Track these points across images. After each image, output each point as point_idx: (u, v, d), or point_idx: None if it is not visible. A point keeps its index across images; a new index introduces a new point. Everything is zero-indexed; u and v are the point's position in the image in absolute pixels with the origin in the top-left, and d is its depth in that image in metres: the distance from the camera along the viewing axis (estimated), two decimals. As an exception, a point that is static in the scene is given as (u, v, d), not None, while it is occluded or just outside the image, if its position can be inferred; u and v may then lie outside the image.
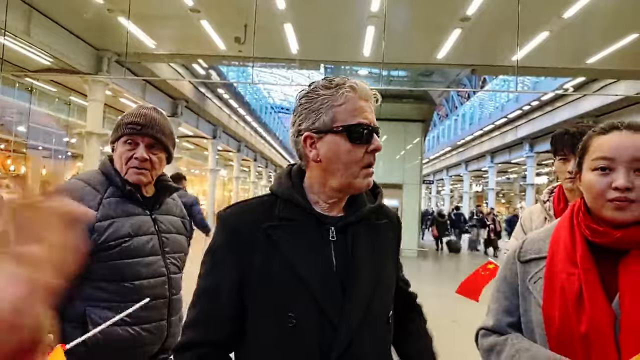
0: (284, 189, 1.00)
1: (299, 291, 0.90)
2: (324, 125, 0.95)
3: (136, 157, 1.47)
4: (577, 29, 8.52)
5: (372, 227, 1.01)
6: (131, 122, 1.48)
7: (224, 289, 0.94)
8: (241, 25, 8.90)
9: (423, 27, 9.19)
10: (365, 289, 0.94)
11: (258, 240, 0.93)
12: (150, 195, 1.56)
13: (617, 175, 0.99)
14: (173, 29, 9.89)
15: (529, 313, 1.08)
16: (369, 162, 0.97)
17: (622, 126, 1.04)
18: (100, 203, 1.42)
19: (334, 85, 0.97)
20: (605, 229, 1.01)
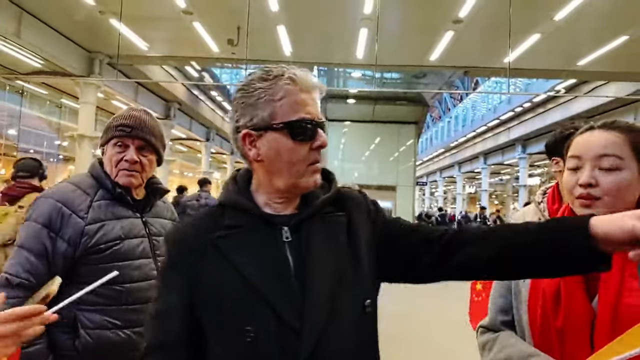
0: (229, 195, 0.94)
1: (253, 302, 0.84)
2: (262, 122, 0.87)
3: (126, 159, 1.46)
4: (568, 31, 8.60)
5: (328, 220, 0.93)
6: (121, 125, 1.47)
7: (175, 312, 0.88)
8: (234, 27, 8.88)
9: (416, 29, 9.23)
10: (326, 286, 0.86)
11: (206, 254, 0.87)
12: (141, 198, 1.55)
13: (583, 174, 1.02)
14: (165, 31, 9.84)
15: (520, 311, 1.11)
16: (315, 159, 0.90)
17: (596, 126, 1.05)
18: (90, 206, 1.41)
19: (272, 77, 0.88)
20: None
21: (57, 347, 1.35)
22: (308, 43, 9.96)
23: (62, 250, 1.34)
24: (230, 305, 0.84)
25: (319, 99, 0.92)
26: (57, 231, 1.35)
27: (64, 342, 1.35)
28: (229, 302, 0.84)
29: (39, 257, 1.34)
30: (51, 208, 1.37)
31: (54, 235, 1.35)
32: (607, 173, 1.00)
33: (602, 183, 0.99)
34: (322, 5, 8.31)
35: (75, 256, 1.35)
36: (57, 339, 1.35)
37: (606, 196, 0.99)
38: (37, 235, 1.35)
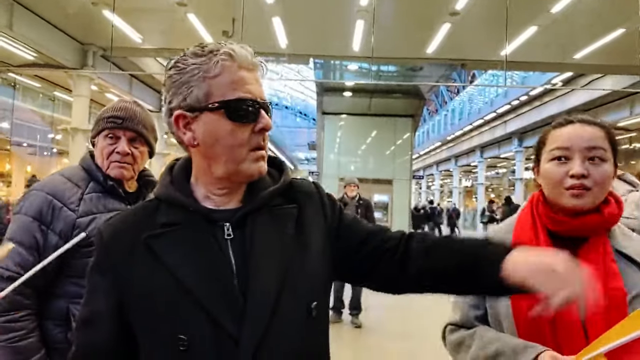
0: (163, 189, 0.85)
1: (187, 307, 0.76)
2: (197, 102, 0.78)
3: (118, 151, 1.45)
4: (564, 24, 8.57)
5: (276, 213, 0.85)
6: (112, 116, 1.46)
7: (103, 319, 0.81)
8: (229, 19, 8.79)
9: (412, 21, 9.17)
10: (269, 287, 0.78)
11: (137, 255, 0.79)
12: (133, 191, 1.54)
13: (574, 164, 1.05)
14: (159, 23, 9.75)
15: (495, 305, 1.11)
16: (258, 144, 0.81)
17: (576, 120, 1.10)
18: (82, 199, 1.41)
19: (207, 52, 0.79)
20: (564, 218, 1.07)
21: (49, 340, 1.35)
22: (304, 35, 9.89)
23: (54, 244, 1.33)
24: (162, 311, 0.76)
25: (261, 79, 0.84)
26: (48, 224, 1.35)
27: (56, 335, 1.36)
28: (161, 308, 0.76)
29: (30, 250, 1.33)
30: (42, 201, 1.36)
31: (45, 228, 1.34)
32: (595, 164, 1.05)
33: (592, 174, 1.04)
34: (317, -3, 8.24)
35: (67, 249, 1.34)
36: (50, 332, 1.36)
37: (595, 187, 1.04)
38: (28, 228, 1.34)
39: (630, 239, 1.12)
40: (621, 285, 1.01)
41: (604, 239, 1.08)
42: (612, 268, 1.04)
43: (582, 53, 9.99)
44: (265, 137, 0.83)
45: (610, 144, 1.08)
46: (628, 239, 1.12)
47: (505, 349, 1.03)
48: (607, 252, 1.05)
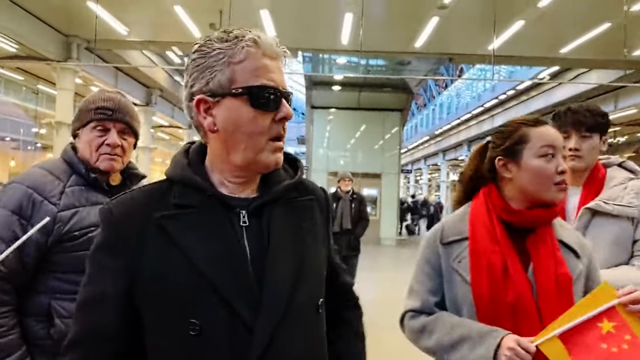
0: (179, 170, 0.83)
1: (201, 290, 0.74)
2: (219, 87, 0.77)
3: (108, 143, 1.42)
4: (551, 18, 8.62)
5: (293, 206, 0.86)
6: (101, 107, 1.43)
7: (109, 300, 0.78)
8: (216, 11, 8.68)
9: (400, 14, 9.15)
10: (286, 278, 0.78)
11: (149, 235, 0.77)
12: (117, 184, 1.51)
13: (559, 161, 1.16)
14: (145, 15, 9.58)
15: (454, 291, 1.17)
16: (278, 133, 0.80)
17: (546, 121, 1.22)
18: (63, 192, 1.37)
19: (232, 38, 0.78)
20: (519, 209, 1.18)
21: (30, 337, 1.33)
22: (292, 27, 9.81)
23: (34, 239, 1.29)
24: (174, 294, 0.75)
25: (284, 69, 0.84)
26: (28, 218, 1.31)
27: (37, 332, 1.33)
28: (173, 290, 0.75)
29: (9, 245, 1.28)
30: (21, 194, 1.32)
31: (25, 222, 1.31)
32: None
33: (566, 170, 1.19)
34: (306, -11, 8.17)
35: (48, 244, 1.32)
36: (31, 328, 1.33)
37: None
38: (7, 222, 1.30)
39: (565, 229, 1.24)
40: (567, 271, 1.12)
41: (550, 230, 1.18)
42: (558, 256, 1.14)
43: (569, 47, 10.07)
44: (284, 127, 0.82)
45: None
46: (564, 229, 1.24)
47: (471, 333, 1.08)
48: (553, 241, 1.16)
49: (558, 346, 0.97)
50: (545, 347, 0.98)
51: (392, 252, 12.31)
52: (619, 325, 0.98)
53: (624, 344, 0.96)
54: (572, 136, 1.63)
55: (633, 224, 1.53)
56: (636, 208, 1.52)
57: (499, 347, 1.03)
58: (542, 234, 1.17)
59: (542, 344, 0.99)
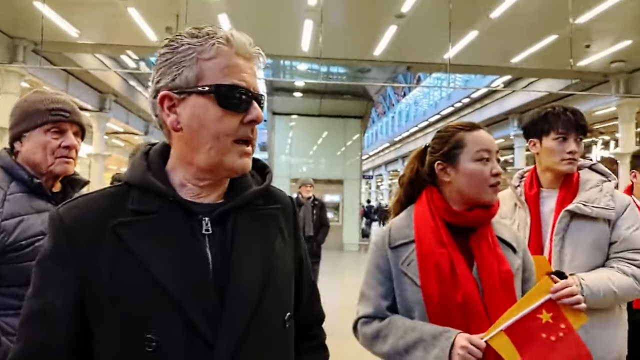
0: (137, 173, 0.78)
1: (158, 303, 0.69)
2: (186, 83, 0.74)
3: (67, 145, 1.39)
4: (503, 29, 8.97)
5: (259, 214, 0.82)
6: (58, 109, 1.39)
7: (57, 313, 0.71)
8: (172, 15, 8.46)
9: (360, 22, 9.26)
10: (250, 290, 0.74)
11: (103, 243, 0.71)
12: (58, 191, 1.45)
13: (494, 164, 1.21)
14: (97, 17, 9.20)
15: (405, 293, 1.19)
16: (246, 135, 0.76)
17: (480, 126, 1.27)
18: (5, 200, 1.29)
19: (204, 34, 0.76)
20: (460, 211, 1.22)
21: None
22: (251, 33, 8.90)
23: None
24: (129, 307, 0.69)
25: (257, 72, 0.80)
26: None
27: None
28: (128, 303, 0.69)
29: None
30: None
31: None
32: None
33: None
34: (265, -6, 8.12)
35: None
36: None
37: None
38: None
39: (504, 226, 1.30)
40: (509, 268, 1.17)
41: (490, 229, 1.23)
42: (499, 253, 1.19)
43: (519, 57, 10.52)
44: (254, 130, 0.78)
45: None
46: (502, 226, 1.30)
47: (424, 335, 1.11)
48: (493, 239, 1.21)
49: (505, 340, 1.05)
50: (494, 342, 1.06)
51: (355, 257, 12.35)
52: (556, 315, 1.08)
53: (560, 332, 1.06)
54: (570, 139, 1.60)
55: (609, 226, 1.55)
56: (613, 210, 1.54)
57: (452, 347, 1.07)
58: (483, 233, 1.21)
59: (491, 339, 1.06)
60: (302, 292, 0.92)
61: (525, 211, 1.67)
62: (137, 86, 15.90)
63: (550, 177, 1.67)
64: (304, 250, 0.94)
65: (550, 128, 1.62)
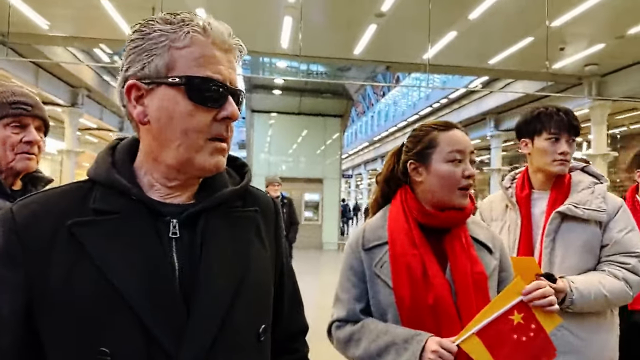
0: (101, 170, 0.72)
1: (114, 313, 0.63)
2: (155, 73, 0.68)
3: (28, 140, 1.31)
4: (480, 31, 9.08)
5: (234, 216, 0.75)
6: (19, 102, 1.31)
7: (3, 321, 0.65)
8: (148, 8, 8.24)
9: (339, 20, 9.23)
10: (219, 299, 0.68)
11: (58, 245, 0.65)
12: (18, 189, 1.35)
13: (466, 165, 1.17)
14: (69, 9, 8.89)
15: (378, 296, 1.17)
16: (219, 133, 0.70)
17: (453, 126, 1.23)
18: None
19: (178, 21, 0.70)
20: (434, 212, 1.19)
21: None
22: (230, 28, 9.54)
23: None
24: (82, 316, 0.63)
25: (236, 64, 0.73)
26: None
27: None
28: (82, 313, 0.63)
29: None
30: None
31: None
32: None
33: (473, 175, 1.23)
34: (244, -11, 8.00)
35: None
36: None
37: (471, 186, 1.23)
38: None
39: (479, 227, 1.27)
40: (482, 270, 1.15)
41: (464, 229, 1.21)
42: (473, 255, 1.16)
43: (496, 59, 10.68)
44: (229, 128, 0.72)
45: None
46: (478, 226, 1.27)
47: (396, 339, 1.10)
48: (467, 240, 1.18)
49: (476, 343, 1.05)
50: (466, 345, 1.05)
51: (334, 256, 12.32)
52: (527, 315, 1.08)
53: (531, 332, 1.07)
54: (562, 139, 1.58)
55: (601, 229, 1.53)
56: (605, 213, 1.52)
57: (423, 350, 1.06)
58: (457, 233, 1.18)
59: (463, 343, 1.05)
60: (283, 302, 0.86)
61: (516, 213, 1.64)
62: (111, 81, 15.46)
63: (541, 178, 1.64)
64: (286, 257, 0.88)
65: (542, 128, 1.60)
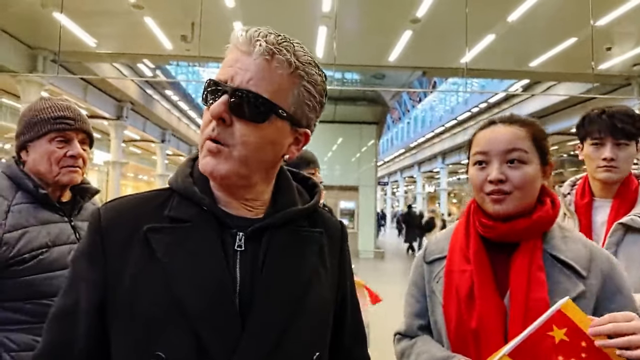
0: (179, 179, 0.74)
1: (173, 319, 0.64)
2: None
3: (71, 154, 1.36)
4: (520, 33, 8.84)
5: (300, 236, 0.74)
6: (62, 117, 1.36)
7: (80, 315, 0.68)
8: (188, 23, 8.56)
9: (374, 28, 9.22)
10: (276, 319, 0.67)
11: (134, 248, 0.68)
12: (67, 200, 1.41)
13: (492, 168, 1.02)
14: (115, 27, 9.37)
15: (435, 313, 1.09)
16: (208, 133, 0.68)
17: (498, 120, 1.07)
18: (9, 211, 1.26)
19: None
20: (493, 222, 1.03)
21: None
22: None
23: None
24: (144, 317, 0.65)
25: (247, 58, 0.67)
26: None
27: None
28: (144, 314, 0.65)
29: None
30: None
31: None
32: (514, 167, 1.01)
33: (511, 178, 1.00)
34: (279, 2, 8.14)
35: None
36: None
37: (516, 190, 1.00)
38: None
39: (570, 242, 1.04)
40: (544, 296, 0.96)
41: (536, 244, 1.02)
42: (538, 277, 0.98)
43: (537, 61, 10.35)
44: (215, 125, 0.67)
45: (535, 143, 1.03)
46: (567, 241, 1.04)
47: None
48: (534, 258, 1.00)
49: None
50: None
51: (371, 264, 12.22)
52: (571, 330, 0.83)
53: (583, 353, 0.82)
54: (607, 144, 1.46)
55: None
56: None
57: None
58: (526, 249, 1.01)
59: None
60: (343, 335, 0.83)
61: (574, 221, 1.53)
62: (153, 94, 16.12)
63: (599, 185, 1.53)
64: (351, 287, 0.85)
65: (586, 133, 1.51)
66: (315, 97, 0.73)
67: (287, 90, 0.69)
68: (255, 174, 0.71)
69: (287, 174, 0.81)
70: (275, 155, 0.72)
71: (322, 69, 0.74)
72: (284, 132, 0.71)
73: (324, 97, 0.75)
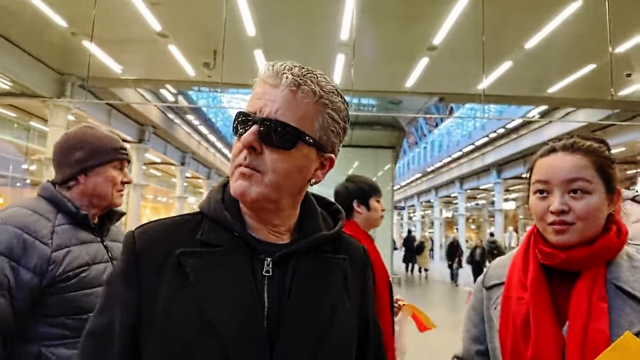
0: (210, 204, 0.77)
1: (204, 343, 0.66)
2: None
3: (125, 181, 1.51)
4: (538, 59, 8.87)
5: (325, 262, 0.76)
6: (122, 148, 1.52)
7: (114, 335, 0.70)
8: (210, 51, 8.83)
9: (391, 55, 9.36)
10: (302, 344, 0.68)
11: (167, 271, 0.70)
12: (96, 222, 1.48)
13: (554, 198, 0.98)
14: (140, 54, 9.72)
15: (493, 340, 1.06)
16: (240, 160, 0.72)
17: (558, 148, 1.03)
18: (53, 232, 1.32)
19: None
20: (552, 250, 0.99)
21: None
22: None
23: (27, 281, 1.23)
24: (176, 341, 0.67)
25: (275, 90, 0.71)
26: (19, 260, 1.23)
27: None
28: (176, 337, 0.67)
29: (0, 290, 1.21)
30: (10, 235, 1.24)
31: (16, 264, 1.23)
32: (577, 198, 0.97)
33: (574, 208, 0.97)
34: (299, 31, 8.37)
35: (41, 286, 1.25)
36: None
37: (579, 221, 0.96)
38: None
39: (639, 272, 0.98)
40: (604, 328, 0.91)
41: (599, 272, 0.97)
42: (599, 307, 0.93)
43: (556, 87, 10.32)
44: (247, 153, 0.71)
45: (599, 171, 0.98)
46: (636, 272, 0.98)
47: None
48: (596, 288, 0.95)
49: None
50: None
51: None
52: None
53: None
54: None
55: None
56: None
57: None
58: (586, 278, 0.96)
59: None
60: (366, 356, 0.84)
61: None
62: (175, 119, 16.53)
63: None
64: (373, 313, 0.86)
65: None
66: (339, 123, 0.76)
67: (313, 118, 0.72)
68: (284, 199, 0.74)
69: (312, 199, 0.83)
70: (303, 180, 0.75)
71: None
72: (311, 158, 0.74)
73: (347, 122, 0.79)
